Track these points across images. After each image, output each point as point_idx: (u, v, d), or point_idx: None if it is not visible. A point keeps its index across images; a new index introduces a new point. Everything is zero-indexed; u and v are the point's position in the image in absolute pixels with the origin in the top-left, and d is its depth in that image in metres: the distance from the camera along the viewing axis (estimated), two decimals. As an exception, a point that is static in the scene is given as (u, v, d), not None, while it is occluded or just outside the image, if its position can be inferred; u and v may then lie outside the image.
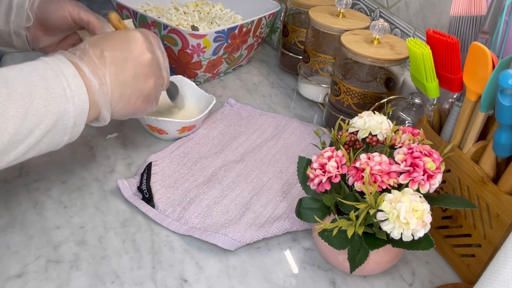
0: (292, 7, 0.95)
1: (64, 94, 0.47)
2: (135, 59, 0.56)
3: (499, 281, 0.41)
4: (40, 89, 0.46)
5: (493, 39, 0.53)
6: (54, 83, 0.47)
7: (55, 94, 0.47)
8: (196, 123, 0.75)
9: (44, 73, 0.47)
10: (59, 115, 0.47)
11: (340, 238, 0.50)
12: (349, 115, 0.77)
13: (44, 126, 0.46)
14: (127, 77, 0.55)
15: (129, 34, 0.57)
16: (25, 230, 0.57)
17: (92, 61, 0.52)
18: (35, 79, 0.46)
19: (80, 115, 0.50)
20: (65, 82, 0.48)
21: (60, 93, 0.47)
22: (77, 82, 0.49)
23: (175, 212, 0.61)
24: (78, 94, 0.49)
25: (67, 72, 0.49)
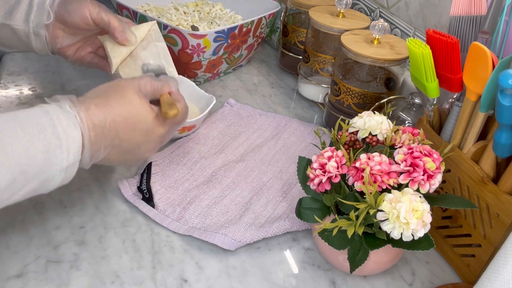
0: (292, 7, 0.95)
1: (60, 165, 0.46)
2: (147, 145, 0.56)
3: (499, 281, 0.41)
4: (39, 160, 0.45)
5: (493, 39, 0.53)
6: (54, 155, 0.46)
7: (51, 165, 0.46)
8: (196, 123, 0.75)
9: (47, 142, 0.45)
10: (47, 179, 0.47)
11: (340, 238, 0.50)
12: (349, 115, 0.77)
13: (27, 189, 0.45)
14: (128, 157, 0.56)
15: (153, 129, 0.55)
16: (25, 230, 0.57)
17: (100, 142, 0.50)
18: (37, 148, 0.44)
19: (67, 179, 0.49)
20: (66, 153, 0.46)
21: (57, 164, 0.46)
22: (76, 153, 0.48)
23: (175, 212, 0.61)
24: (73, 164, 0.48)
25: (72, 141, 0.47)
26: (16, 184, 0.43)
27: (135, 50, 0.68)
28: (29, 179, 0.44)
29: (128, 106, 0.53)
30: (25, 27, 0.64)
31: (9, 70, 0.88)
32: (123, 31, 0.65)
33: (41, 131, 0.45)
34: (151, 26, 0.70)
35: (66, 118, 0.47)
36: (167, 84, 0.59)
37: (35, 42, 0.66)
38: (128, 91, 0.53)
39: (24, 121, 0.45)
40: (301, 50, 0.95)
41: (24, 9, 0.64)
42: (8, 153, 0.42)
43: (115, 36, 0.65)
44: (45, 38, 0.65)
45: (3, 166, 0.42)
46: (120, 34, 0.64)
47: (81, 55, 0.70)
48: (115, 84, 0.54)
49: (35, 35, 0.65)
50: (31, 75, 0.87)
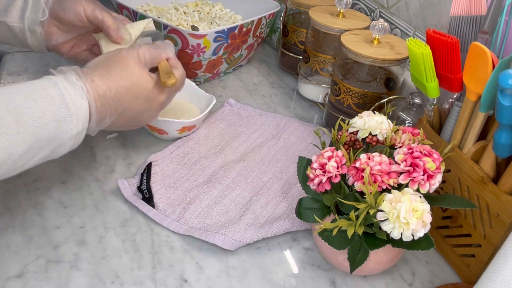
0: (292, 7, 0.95)
1: (70, 133, 0.50)
2: (149, 112, 0.60)
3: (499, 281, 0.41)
4: (50, 128, 0.48)
5: (493, 39, 0.53)
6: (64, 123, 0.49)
7: (62, 133, 0.49)
8: (196, 123, 0.75)
9: (58, 111, 0.48)
10: (59, 146, 0.50)
11: (340, 238, 0.50)
12: (349, 115, 0.77)
13: (40, 155, 0.49)
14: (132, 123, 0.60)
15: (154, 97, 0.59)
16: (25, 230, 0.57)
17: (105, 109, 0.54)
18: (49, 118, 0.47)
19: (76, 144, 0.53)
20: (75, 121, 0.50)
21: (67, 132, 0.49)
22: (84, 121, 0.51)
23: (175, 212, 0.61)
24: (82, 131, 0.51)
25: (80, 110, 0.50)
26: (30, 151, 0.47)
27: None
28: (42, 146, 0.48)
29: (130, 76, 0.56)
30: (20, 24, 0.64)
31: (9, 70, 0.88)
32: (117, 30, 0.65)
33: (51, 102, 0.48)
34: (147, 24, 0.70)
35: (73, 89, 0.50)
36: (164, 51, 0.61)
37: (30, 39, 0.66)
38: (129, 61, 0.56)
39: (35, 93, 0.48)
40: (301, 50, 0.95)
41: (19, 6, 0.64)
42: (23, 123, 0.45)
43: (109, 35, 0.65)
44: (40, 35, 0.65)
45: (19, 135, 0.45)
46: (115, 32, 0.65)
47: (76, 52, 0.70)
48: (116, 54, 0.57)
49: (31, 32, 0.65)
50: (31, 75, 0.87)
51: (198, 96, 0.80)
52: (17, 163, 0.46)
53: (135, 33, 0.68)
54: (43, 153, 0.48)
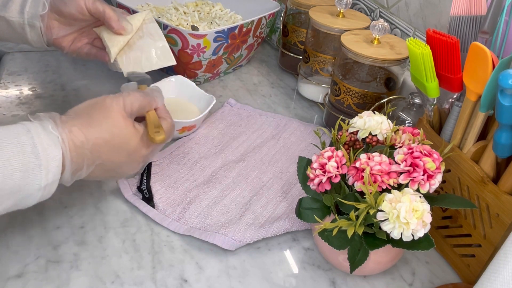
0: (292, 7, 0.95)
1: (38, 184, 0.46)
2: (130, 165, 0.55)
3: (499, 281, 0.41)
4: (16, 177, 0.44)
5: (493, 39, 0.53)
6: (32, 175, 0.45)
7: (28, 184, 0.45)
8: (196, 123, 0.75)
9: (26, 161, 0.45)
10: (24, 197, 0.46)
11: (340, 238, 0.50)
12: (349, 115, 0.77)
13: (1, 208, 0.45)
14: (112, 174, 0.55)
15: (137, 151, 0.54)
16: (25, 230, 0.57)
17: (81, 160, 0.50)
18: (15, 167, 0.44)
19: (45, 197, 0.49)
20: (44, 173, 0.46)
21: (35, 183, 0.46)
22: (55, 173, 0.47)
23: (175, 212, 0.61)
24: (52, 183, 0.47)
25: (51, 161, 0.46)
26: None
27: (131, 39, 0.68)
28: (5, 196, 0.44)
29: (112, 128, 0.51)
30: (20, 18, 0.64)
31: (9, 70, 0.88)
32: (118, 21, 0.64)
33: (20, 151, 0.44)
34: (146, 15, 0.70)
35: (47, 138, 0.46)
36: (154, 100, 0.57)
37: (30, 34, 0.65)
38: (112, 111, 0.52)
39: (4, 139, 0.44)
40: (301, 50, 0.95)
41: (19, 0, 0.64)
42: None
43: (111, 26, 0.64)
44: (40, 30, 0.65)
45: None
46: (116, 23, 0.64)
47: (78, 46, 0.70)
48: (99, 102, 0.52)
49: (30, 26, 0.64)
50: (31, 75, 0.87)
51: (198, 96, 0.80)
52: None
53: (136, 24, 0.68)
54: (6, 204, 0.45)
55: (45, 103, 0.80)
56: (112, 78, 0.88)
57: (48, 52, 0.95)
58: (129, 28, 0.66)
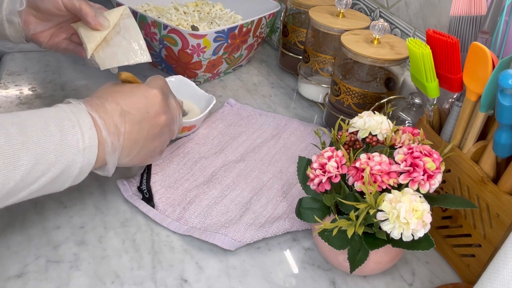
0: (292, 7, 0.95)
1: (76, 146, 0.48)
2: (150, 120, 0.56)
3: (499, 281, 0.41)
4: (55, 139, 0.46)
5: (493, 39, 0.53)
6: (69, 134, 0.47)
7: (68, 145, 0.47)
8: (196, 123, 0.75)
9: (61, 124, 0.47)
10: (67, 165, 0.48)
11: (340, 238, 0.50)
12: (349, 115, 0.77)
13: (50, 174, 0.46)
14: (140, 138, 0.56)
15: (148, 93, 0.57)
16: (25, 230, 0.57)
17: (110, 119, 0.52)
18: (52, 129, 0.46)
19: (87, 166, 0.50)
20: (80, 134, 0.48)
21: (73, 144, 0.48)
22: (91, 135, 0.49)
23: (175, 212, 0.61)
24: (89, 147, 0.49)
25: (83, 123, 0.49)
26: (39, 166, 0.45)
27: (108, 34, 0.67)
28: (50, 162, 0.46)
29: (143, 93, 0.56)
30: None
31: (9, 70, 0.88)
32: (95, 16, 0.64)
33: (55, 116, 0.48)
34: (123, 11, 0.69)
35: (73, 107, 0.50)
36: None
37: (8, 30, 0.65)
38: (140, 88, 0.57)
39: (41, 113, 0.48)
40: (301, 50, 0.95)
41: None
42: (27, 133, 0.44)
43: (88, 22, 0.64)
44: (18, 25, 0.65)
45: (24, 146, 0.44)
46: (93, 19, 0.64)
47: (56, 41, 0.70)
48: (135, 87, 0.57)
49: (9, 22, 0.64)
50: (31, 75, 0.87)
51: (198, 96, 0.80)
52: (27, 179, 0.44)
53: (113, 20, 0.67)
54: (52, 171, 0.46)
55: (45, 104, 0.80)
56: (113, 78, 0.88)
57: (48, 52, 0.95)
58: (106, 23, 0.65)
